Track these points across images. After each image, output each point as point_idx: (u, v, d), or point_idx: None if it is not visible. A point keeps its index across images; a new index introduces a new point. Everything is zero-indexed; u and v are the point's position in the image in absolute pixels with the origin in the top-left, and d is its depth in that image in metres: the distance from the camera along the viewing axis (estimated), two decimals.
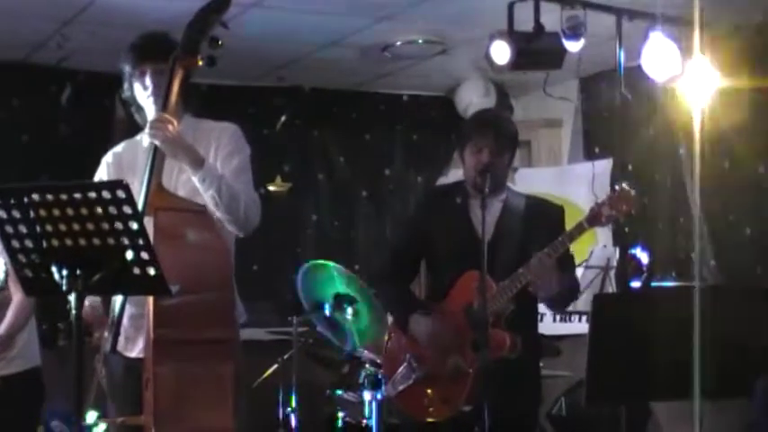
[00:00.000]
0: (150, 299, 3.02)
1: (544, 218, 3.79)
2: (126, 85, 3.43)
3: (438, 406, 3.74)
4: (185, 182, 3.33)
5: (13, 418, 4.42)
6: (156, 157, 3.23)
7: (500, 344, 3.61)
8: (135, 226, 2.60)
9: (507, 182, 3.97)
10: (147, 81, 3.35)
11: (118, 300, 3.19)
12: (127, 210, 2.58)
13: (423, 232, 3.93)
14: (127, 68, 3.41)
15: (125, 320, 3.21)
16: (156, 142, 3.21)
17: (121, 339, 3.25)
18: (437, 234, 3.87)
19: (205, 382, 3.03)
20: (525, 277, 3.60)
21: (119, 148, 3.58)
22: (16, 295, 4.29)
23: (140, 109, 3.43)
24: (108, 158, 3.57)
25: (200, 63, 3.24)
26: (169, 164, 3.31)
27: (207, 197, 3.24)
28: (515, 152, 3.93)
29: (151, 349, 3.03)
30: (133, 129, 3.62)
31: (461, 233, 3.76)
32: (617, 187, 3.62)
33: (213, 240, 3.18)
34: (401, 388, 3.85)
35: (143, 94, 3.38)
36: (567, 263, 3.76)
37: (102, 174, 3.54)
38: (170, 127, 3.21)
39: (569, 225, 3.69)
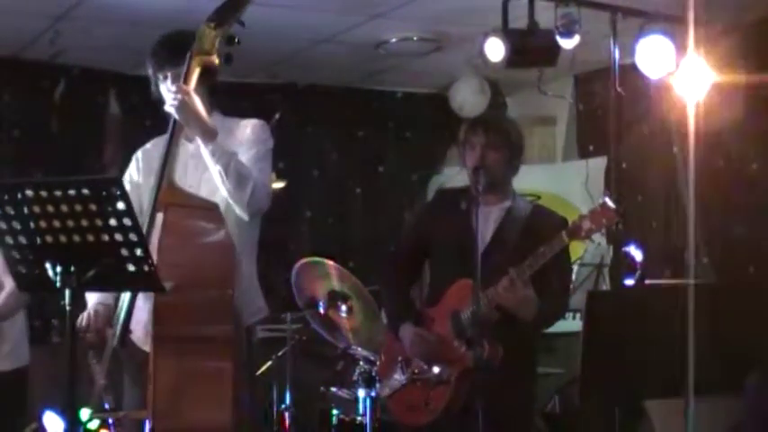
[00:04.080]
0: (153, 295, 3.03)
1: (544, 228, 3.67)
2: (153, 87, 3.49)
3: (421, 410, 3.78)
4: (208, 179, 3.37)
5: None
6: (169, 153, 3.27)
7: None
8: (129, 222, 2.60)
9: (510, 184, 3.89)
10: (170, 83, 3.39)
11: (126, 296, 3.19)
12: (121, 206, 2.58)
13: (425, 233, 3.93)
14: (150, 72, 3.48)
15: (144, 316, 3.22)
16: (171, 109, 3.26)
17: (140, 335, 3.26)
18: (438, 236, 3.86)
19: (204, 379, 3.04)
20: (497, 294, 3.58)
21: (149, 144, 3.64)
22: (9, 284, 4.28)
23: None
24: (138, 155, 3.62)
25: (218, 61, 3.27)
26: (193, 161, 3.37)
27: (215, 172, 3.28)
28: (515, 153, 3.83)
29: (152, 345, 3.03)
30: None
31: (460, 238, 3.73)
32: (600, 201, 3.61)
33: (219, 239, 3.18)
34: (390, 391, 3.91)
35: (167, 96, 3.40)
36: (554, 278, 3.67)
37: (132, 170, 3.59)
38: (186, 97, 3.25)
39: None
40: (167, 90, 3.37)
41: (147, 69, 3.49)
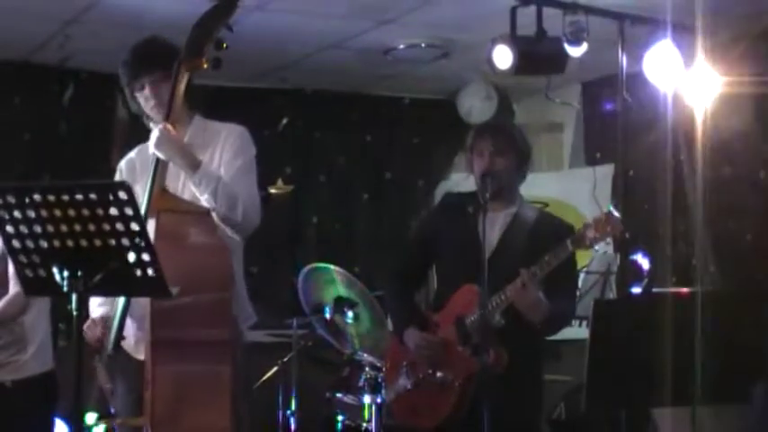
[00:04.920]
0: (149, 301, 3.03)
1: (550, 235, 3.66)
2: (130, 100, 3.47)
3: (426, 415, 3.79)
4: (190, 186, 3.35)
5: (26, 423, 4.37)
6: (159, 160, 3.26)
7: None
8: (136, 227, 2.60)
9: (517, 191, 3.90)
10: (147, 92, 3.38)
11: (120, 302, 3.19)
12: (128, 211, 2.58)
13: (431, 238, 3.93)
14: (125, 83, 3.45)
15: (135, 323, 3.22)
16: (150, 147, 3.26)
17: (131, 342, 3.26)
18: (444, 242, 3.86)
19: (203, 383, 3.04)
20: (507, 297, 3.58)
21: (132, 153, 3.61)
22: (14, 288, 4.26)
23: (149, 118, 3.46)
24: (121, 165, 3.60)
25: (206, 66, 3.26)
26: (174, 167, 3.33)
27: (203, 200, 3.27)
28: (523, 160, 3.84)
29: (150, 351, 3.03)
30: (134, 129, 3.63)
31: (466, 244, 3.74)
32: (605, 210, 3.62)
33: (213, 242, 3.19)
34: (395, 395, 3.91)
35: (146, 104, 3.41)
36: (561, 285, 3.67)
37: None
38: (164, 131, 3.25)
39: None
40: (146, 99, 3.37)
41: (121, 81, 3.46)
